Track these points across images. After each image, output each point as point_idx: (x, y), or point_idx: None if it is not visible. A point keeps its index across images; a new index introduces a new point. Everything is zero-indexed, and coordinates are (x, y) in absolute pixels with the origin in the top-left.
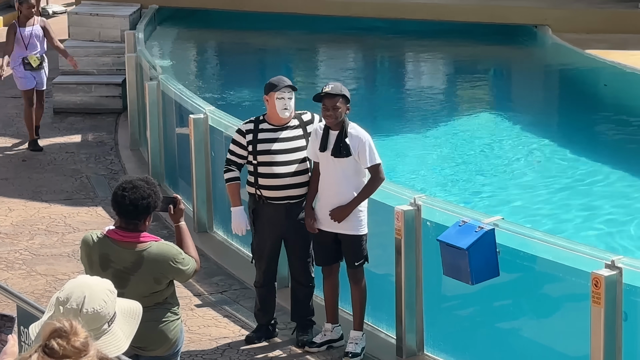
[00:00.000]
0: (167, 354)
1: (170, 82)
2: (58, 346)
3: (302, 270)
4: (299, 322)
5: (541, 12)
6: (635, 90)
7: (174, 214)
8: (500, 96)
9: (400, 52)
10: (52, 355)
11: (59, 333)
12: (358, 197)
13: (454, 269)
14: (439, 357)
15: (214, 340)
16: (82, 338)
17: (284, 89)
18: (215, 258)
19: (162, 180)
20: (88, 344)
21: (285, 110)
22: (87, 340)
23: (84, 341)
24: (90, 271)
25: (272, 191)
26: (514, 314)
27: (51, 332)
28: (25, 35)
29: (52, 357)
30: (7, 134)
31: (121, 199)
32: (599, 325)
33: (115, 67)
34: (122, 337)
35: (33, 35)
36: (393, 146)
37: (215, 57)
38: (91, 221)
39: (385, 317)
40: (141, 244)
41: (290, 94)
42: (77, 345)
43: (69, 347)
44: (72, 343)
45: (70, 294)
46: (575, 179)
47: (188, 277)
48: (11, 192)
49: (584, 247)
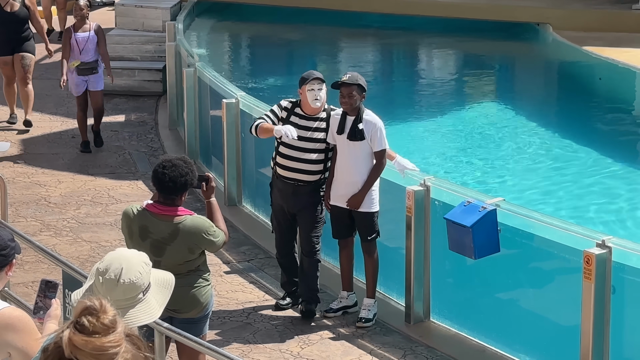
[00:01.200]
0: (199, 316)
1: (206, 69)
2: (88, 323)
3: (307, 242)
4: (305, 294)
5: (543, 11)
6: (627, 83)
7: (206, 190)
8: (505, 88)
9: (414, 46)
10: (83, 331)
11: (90, 311)
12: (367, 183)
13: (459, 245)
14: (443, 324)
15: (240, 304)
16: (111, 316)
17: (313, 81)
18: (243, 229)
19: (196, 157)
20: (116, 321)
21: (316, 101)
22: (115, 317)
23: (112, 319)
24: (130, 241)
25: (284, 170)
26: (513, 287)
27: (82, 310)
28: (80, 40)
29: (83, 332)
30: (59, 112)
31: (161, 176)
32: (589, 298)
33: (156, 54)
34: (156, 305)
35: (89, 40)
36: (406, 132)
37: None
38: (132, 194)
39: (395, 287)
40: (177, 217)
41: (320, 85)
42: (106, 323)
43: (99, 324)
44: (101, 320)
45: (109, 265)
46: (572, 165)
47: (218, 248)
48: (61, 166)
49: (577, 227)
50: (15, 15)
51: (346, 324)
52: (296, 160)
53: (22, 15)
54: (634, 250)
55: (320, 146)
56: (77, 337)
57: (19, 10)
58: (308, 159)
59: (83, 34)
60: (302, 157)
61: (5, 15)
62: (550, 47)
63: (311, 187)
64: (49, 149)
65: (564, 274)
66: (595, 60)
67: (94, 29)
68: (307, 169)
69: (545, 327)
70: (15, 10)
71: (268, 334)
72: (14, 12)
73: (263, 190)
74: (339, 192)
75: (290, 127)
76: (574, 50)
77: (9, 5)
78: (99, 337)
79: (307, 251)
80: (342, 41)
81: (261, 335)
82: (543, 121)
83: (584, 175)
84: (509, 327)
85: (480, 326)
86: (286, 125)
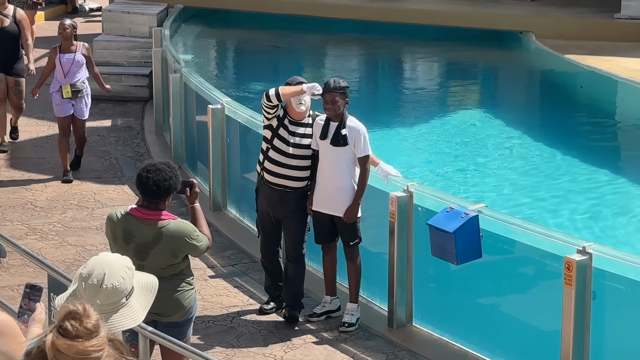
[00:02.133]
0: (183, 319)
1: (192, 75)
2: (71, 327)
3: (292, 248)
4: (288, 300)
5: (526, 19)
6: (608, 91)
7: (190, 196)
8: (488, 95)
9: (398, 53)
10: (66, 335)
11: (73, 315)
12: (358, 192)
13: (441, 250)
14: (425, 329)
15: (224, 308)
16: (94, 320)
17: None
18: (227, 234)
19: (182, 162)
20: (99, 325)
21: (300, 105)
22: (98, 322)
23: (95, 323)
24: (114, 245)
25: (271, 176)
26: (494, 292)
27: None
28: (65, 62)
29: (66, 337)
30: (46, 117)
31: (145, 180)
32: (570, 304)
33: (143, 60)
34: (139, 309)
35: (74, 63)
36: (390, 138)
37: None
38: (118, 198)
39: (378, 291)
40: (161, 221)
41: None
42: (88, 327)
43: (82, 328)
44: (84, 324)
45: (92, 271)
46: (553, 172)
47: (201, 253)
48: (47, 170)
49: (558, 233)
50: (5, 31)
51: (329, 329)
52: (284, 167)
53: (12, 32)
54: (614, 257)
55: (307, 152)
56: (60, 341)
57: (9, 26)
58: (296, 165)
59: (69, 55)
60: (290, 163)
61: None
62: (533, 55)
63: (298, 193)
64: (35, 154)
65: (545, 279)
66: (577, 68)
67: (81, 51)
68: (294, 175)
69: (527, 332)
70: (6, 26)
71: (252, 338)
72: (4, 27)
73: (248, 195)
74: (320, 198)
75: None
76: (556, 58)
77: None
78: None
79: (292, 257)
80: (327, 48)
81: (245, 339)
82: (525, 128)
83: (565, 182)
84: (491, 332)
85: (462, 331)
86: (309, 84)
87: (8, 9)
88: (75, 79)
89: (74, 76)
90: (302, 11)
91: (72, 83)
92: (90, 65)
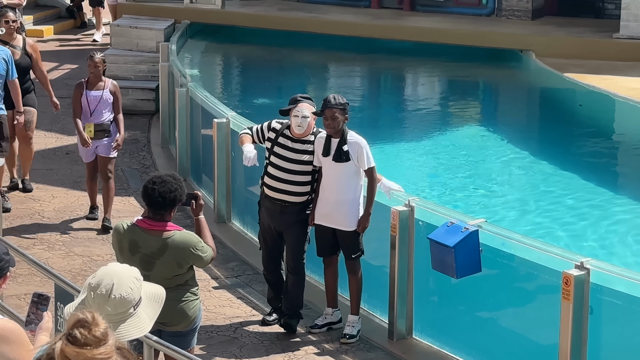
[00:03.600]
0: (187, 329)
1: (198, 89)
2: (80, 335)
3: (292, 260)
4: (287, 310)
5: (526, 38)
6: (607, 110)
7: (195, 208)
8: (489, 112)
9: (400, 70)
10: (75, 343)
11: (82, 323)
12: (368, 203)
13: (441, 264)
14: (425, 341)
15: (227, 319)
16: (102, 328)
17: (298, 108)
18: (231, 246)
19: (187, 175)
20: (107, 333)
21: (299, 127)
22: (106, 330)
23: (103, 331)
24: (120, 256)
25: (271, 191)
26: (493, 306)
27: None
28: (92, 100)
29: (75, 344)
30: (53, 129)
31: (151, 191)
32: (568, 318)
33: (150, 74)
34: (146, 319)
35: (101, 101)
36: (392, 154)
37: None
38: (124, 209)
39: (379, 304)
40: (166, 232)
41: (306, 112)
42: (97, 335)
43: (90, 336)
44: (93, 333)
45: (100, 281)
46: (552, 188)
47: (206, 264)
48: (54, 181)
49: (557, 248)
50: (15, 64)
51: (331, 340)
52: (284, 182)
53: (24, 65)
54: (612, 272)
55: (307, 168)
56: (69, 348)
57: (19, 59)
58: (295, 180)
59: (96, 92)
60: (289, 178)
61: None
62: (533, 73)
63: (298, 207)
64: (43, 165)
65: (543, 294)
66: (577, 86)
67: (110, 88)
68: (294, 190)
69: (525, 346)
70: (16, 59)
71: (254, 349)
72: (14, 60)
73: (252, 208)
74: (322, 211)
75: (252, 156)
76: (556, 76)
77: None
78: (91, 349)
79: (292, 268)
80: (330, 64)
81: (248, 349)
82: (525, 145)
83: (563, 198)
84: (490, 344)
85: (461, 344)
86: (251, 152)
87: (17, 39)
88: (102, 118)
89: (100, 115)
90: (307, 28)
91: (97, 123)
92: (116, 107)
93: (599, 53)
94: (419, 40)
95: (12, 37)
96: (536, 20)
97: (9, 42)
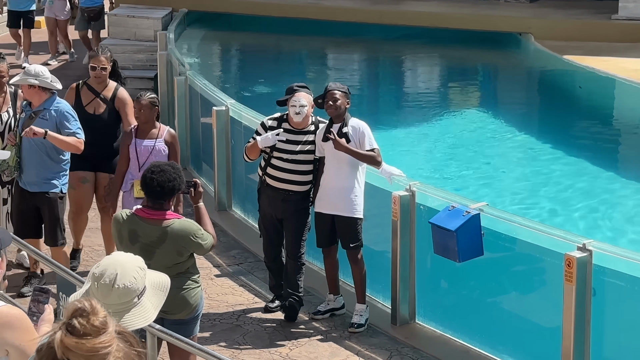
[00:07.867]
0: (189, 317)
1: (197, 78)
2: (79, 325)
3: (292, 246)
4: (287, 295)
5: (525, 21)
6: (606, 91)
7: (194, 196)
8: (488, 95)
9: (400, 55)
10: (74, 333)
11: (80, 312)
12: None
13: (443, 248)
14: (428, 325)
15: (230, 306)
16: (101, 317)
17: (295, 98)
18: (233, 234)
19: (187, 163)
20: (106, 322)
21: (297, 115)
22: (105, 319)
23: (102, 320)
24: (120, 245)
25: (274, 181)
26: (496, 289)
27: (73, 312)
28: (142, 152)
29: (74, 334)
30: None
31: (150, 180)
32: (571, 300)
33: (148, 63)
34: (151, 308)
35: (153, 152)
36: (392, 138)
37: (237, 56)
38: None
39: (381, 289)
40: (165, 221)
41: (303, 101)
42: (96, 324)
43: (89, 326)
44: (91, 322)
45: (104, 271)
46: (553, 170)
47: (206, 251)
48: None
49: (559, 231)
50: (98, 119)
51: (334, 326)
52: (287, 172)
53: (108, 121)
54: (614, 254)
55: (309, 157)
56: (69, 338)
57: (103, 114)
58: (298, 170)
59: (148, 142)
60: (292, 168)
61: (88, 117)
62: (532, 56)
63: (301, 195)
64: None
65: (546, 276)
66: (576, 68)
67: (165, 137)
68: (297, 179)
69: (528, 329)
70: (100, 113)
71: (257, 336)
72: (98, 115)
73: (252, 196)
74: (323, 200)
75: (269, 134)
76: (555, 59)
77: (92, 106)
78: (90, 339)
79: (292, 254)
80: (329, 51)
81: (251, 336)
82: (525, 128)
83: (564, 180)
84: (493, 328)
85: (464, 328)
86: (264, 135)
87: (108, 88)
88: None
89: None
90: (305, 14)
91: None
92: (172, 159)
93: (597, 35)
94: (416, 25)
95: (104, 84)
96: (534, 2)
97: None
